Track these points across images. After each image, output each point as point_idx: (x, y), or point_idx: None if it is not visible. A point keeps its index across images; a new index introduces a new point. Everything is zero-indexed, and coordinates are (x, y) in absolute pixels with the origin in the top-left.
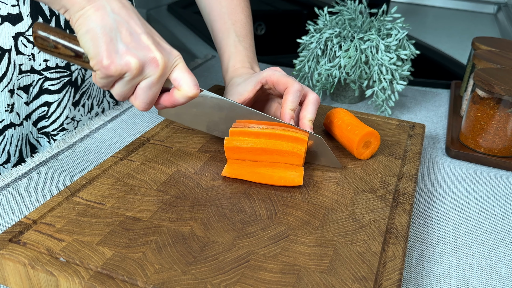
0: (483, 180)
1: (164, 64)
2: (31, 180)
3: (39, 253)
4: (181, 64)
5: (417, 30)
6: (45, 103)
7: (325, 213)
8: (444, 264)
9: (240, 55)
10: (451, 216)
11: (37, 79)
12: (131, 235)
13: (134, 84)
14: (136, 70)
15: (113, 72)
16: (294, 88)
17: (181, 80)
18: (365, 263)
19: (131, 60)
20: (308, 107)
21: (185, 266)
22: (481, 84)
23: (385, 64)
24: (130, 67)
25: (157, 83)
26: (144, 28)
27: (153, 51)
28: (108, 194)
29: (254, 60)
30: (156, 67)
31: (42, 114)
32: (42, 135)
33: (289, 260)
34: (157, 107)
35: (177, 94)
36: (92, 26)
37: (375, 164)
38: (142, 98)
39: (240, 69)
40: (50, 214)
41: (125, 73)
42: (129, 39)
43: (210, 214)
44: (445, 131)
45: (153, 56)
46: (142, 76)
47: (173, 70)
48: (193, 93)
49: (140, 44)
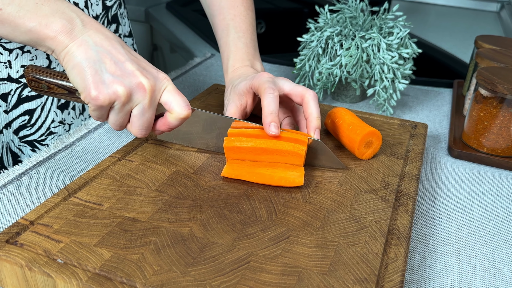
0: (486, 181)
1: (151, 88)
2: (28, 180)
3: (36, 254)
4: (170, 87)
5: (419, 28)
6: (26, 112)
7: (326, 214)
8: (447, 266)
9: (240, 53)
10: (454, 217)
11: (15, 87)
12: (130, 236)
13: (127, 112)
14: (124, 97)
15: (102, 102)
16: (266, 92)
17: (172, 103)
18: (367, 264)
19: (118, 88)
20: (310, 104)
21: (184, 268)
22: (484, 83)
23: (387, 63)
24: (118, 95)
25: (149, 109)
26: (128, 56)
27: (138, 76)
28: (106, 195)
29: (255, 56)
30: (144, 92)
31: (23, 123)
32: (24, 144)
33: (290, 261)
34: (154, 133)
35: (169, 117)
36: (77, 61)
37: (376, 164)
38: (138, 125)
39: (240, 68)
40: (47, 215)
41: (114, 101)
42: (114, 68)
43: (209, 215)
44: (447, 131)
45: (139, 82)
46: (132, 103)
47: (162, 94)
48: (185, 114)
49: (125, 71)
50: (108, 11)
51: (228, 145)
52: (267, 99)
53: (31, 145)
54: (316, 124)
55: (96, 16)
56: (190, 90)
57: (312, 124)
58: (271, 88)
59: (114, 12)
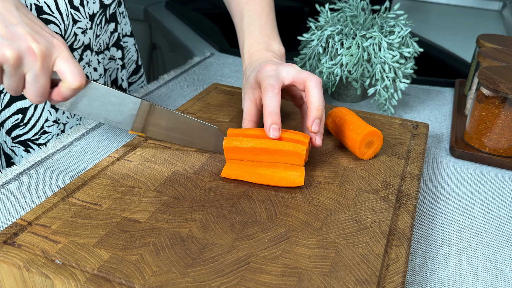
0: (488, 181)
1: (42, 54)
2: (26, 180)
3: (34, 255)
4: (64, 54)
5: (421, 27)
6: (18, 111)
7: (326, 214)
8: (448, 267)
9: (254, 36)
10: (456, 217)
11: None
12: (128, 237)
13: (20, 77)
14: (12, 61)
15: None
16: (266, 91)
17: (65, 72)
18: (368, 265)
19: (6, 51)
20: (311, 91)
21: (184, 269)
22: (486, 83)
23: (388, 62)
24: (6, 58)
25: (42, 75)
26: (22, 19)
27: (28, 40)
28: (104, 195)
29: (272, 36)
30: (34, 57)
31: (16, 123)
32: (17, 144)
33: (290, 262)
34: (50, 102)
35: (62, 86)
36: None
37: (377, 164)
38: (32, 91)
39: (255, 54)
40: (45, 215)
41: (2, 65)
42: (4, 31)
43: (209, 216)
44: (449, 131)
45: (29, 46)
46: (23, 67)
47: (55, 61)
48: (76, 84)
49: (16, 34)
50: (106, 9)
51: (227, 145)
52: (266, 99)
53: (24, 145)
54: (316, 114)
55: (93, 14)
56: (190, 90)
57: (312, 114)
58: (271, 86)
59: (113, 10)
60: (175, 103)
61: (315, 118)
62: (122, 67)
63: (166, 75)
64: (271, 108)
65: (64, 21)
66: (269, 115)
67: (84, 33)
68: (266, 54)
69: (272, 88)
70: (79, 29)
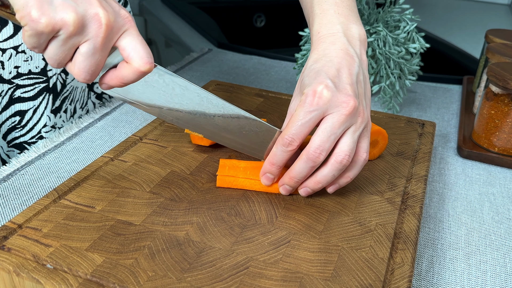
0: (497, 182)
1: (109, 24)
2: (16, 181)
3: (25, 259)
4: (132, 30)
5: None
6: (17, 113)
7: (329, 217)
8: (456, 271)
9: (327, 16)
10: (463, 220)
11: (6, 88)
12: (123, 240)
13: (72, 47)
14: (73, 27)
15: (44, 27)
16: (277, 143)
17: (132, 51)
18: (372, 270)
19: (68, 14)
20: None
21: (180, 273)
22: (495, 80)
23: (393, 58)
24: (65, 22)
25: (101, 49)
26: None
27: (95, 6)
28: (98, 197)
29: (350, 17)
30: (98, 26)
31: (12, 125)
32: (12, 148)
33: (291, 267)
34: (101, 86)
35: (124, 69)
36: None
37: (382, 165)
38: (83, 66)
39: (327, 38)
40: (36, 218)
41: (59, 29)
42: None
43: (206, 218)
44: (456, 130)
45: (95, 12)
46: (82, 36)
47: (121, 36)
48: (146, 68)
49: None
50: None
51: (220, 183)
52: (277, 149)
53: (20, 148)
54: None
55: None
56: None
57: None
58: (287, 142)
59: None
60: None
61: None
62: None
63: None
64: (276, 159)
65: None
66: (270, 164)
67: None
68: (341, 45)
69: (286, 144)
70: None
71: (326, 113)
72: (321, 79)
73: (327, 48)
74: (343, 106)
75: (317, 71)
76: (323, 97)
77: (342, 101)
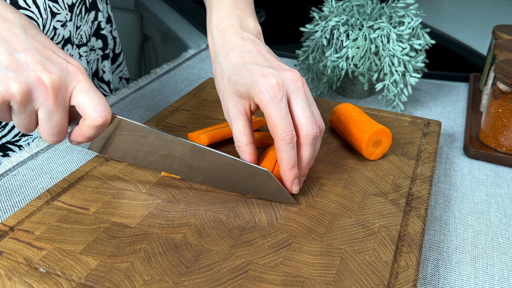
0: (505, 183)
1: (54, 86)
2: (7, 182)
3: (17, 262)
4: (82, 84)
5: (432, 17)
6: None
7: (331, 219)
8: (462, 275)
9: (225, 8)
10: (470, 222)
11: None
12: (118, 243)
13: (30, 114)
14: (20, 97)
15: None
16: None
17: (84, 107)
18: (375, 273)
19: (12, 85)
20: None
21: (177, 277)
22: (503, 77)
23: (397, 55)
24: (11, 94)
25: (56, 111)
26: (30, 43)
27: (37, 70)
28: (92, 198)
29: (246, 11)
30: (45, 91)
31: None
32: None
33: (292, 270)
34: (71, 143)
35: (82, 124)
36: None
37: (386, 165)
38: (46, 130)
39: (227, 32)
40: (28, 220)
41: (9, 101)
42: (9, 61)
43: (204, 220)
44: (463, 129)
45: (38, 77)
46: (34, 103)
47: (73, 94)
48: (100, 121)
49: (22, 64)
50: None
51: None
52: (283, 153)
53: (3, 149)
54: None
55: (72, 4)
56: (184, 85)
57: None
58: (289, 139)
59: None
60: (168, 99)
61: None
62: (103, 57)
63: (159, 69)
64: (291, 160)
65: (42, 15)
66: (290, 169)
67: (63, 26)
68: (241, 34)
69: (290, 141)
70: (58, 22)
71: (288, 95)
72: (259, 71)
73: (231, 40)
74: (295, 80)
75: (245, 66)
76: (278, 84)
77: (291, 76)
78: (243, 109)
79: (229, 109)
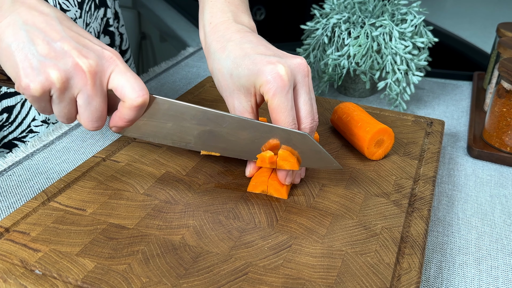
0: (509, 183)
1: (92, 70)
2: (3, 183)
3: (12, 264)
4: (120, 68)
5: (436, 15)
6: (4, 110)
7: (332, 220)
8: (466, 277)
9: (218, 4)
10: (474, 223)
11: None
12: (115, 244)
13: (70, 101)
14: (59, 84)
15: (35, 91)
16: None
17: (123, 88)
18: (377, 276)
19: (51, 73)
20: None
21: (176, 280)
22: (507, 76)
23: (400, 53)
24: (51, 81)
25: (95, 96)
26: (66, 33)
27: (74, 57)
28: (89, 199)
29: (240, 6)
30: (83, 76)
31: (1, 123)
32: (1, 149)
33: (292, 272)
34: (112, 130)
35: (123, 108)
36: (5, 45)
37: (388, 165)
38: (86, 116)
39: (220, 25)
40: (24, 221)
41: (49, 90)
42: (47, 50)
43: (203, 221)
44: (466, 128)
45: (76, 63)
46: (72, 89)
47: (110, 78)
48: (139, 102)
49: (60, 52)
50: None
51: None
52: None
53: (9, 146)
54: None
55: (81, 1)
56: (182, 83)
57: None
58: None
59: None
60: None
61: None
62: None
63: (157, 68)
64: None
65: None
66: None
67: None
68: (236, 27)
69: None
70: None
71: (294, 84)
72: (264, 59)
73: (226, 34)
74: (302, 68)
75: (247, 57)
76: (287, 73)
77: (298, 64)
78: (249, 106)
79: (235, 106)
